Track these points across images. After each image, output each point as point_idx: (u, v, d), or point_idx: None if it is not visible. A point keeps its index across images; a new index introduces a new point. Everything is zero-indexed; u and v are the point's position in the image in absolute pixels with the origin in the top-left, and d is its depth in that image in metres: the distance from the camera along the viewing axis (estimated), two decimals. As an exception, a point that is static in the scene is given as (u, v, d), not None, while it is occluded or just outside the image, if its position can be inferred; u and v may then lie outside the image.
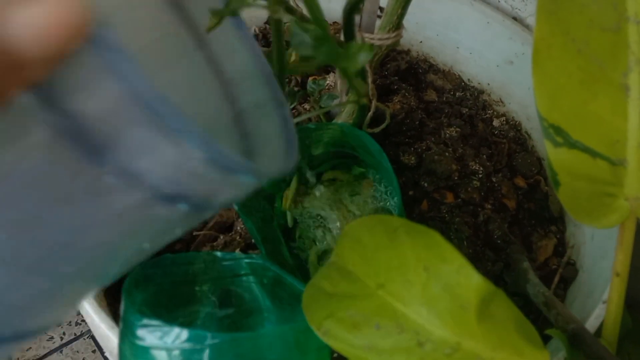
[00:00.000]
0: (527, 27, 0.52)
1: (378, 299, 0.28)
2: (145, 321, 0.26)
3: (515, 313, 0.27)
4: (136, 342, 0.27)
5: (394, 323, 0.27)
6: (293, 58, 0.36)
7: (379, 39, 0.39)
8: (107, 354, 0.41)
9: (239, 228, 0.44)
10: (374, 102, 0.40)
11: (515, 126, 0.55)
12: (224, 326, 0.34)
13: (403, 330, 0.26)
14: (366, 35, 0.38)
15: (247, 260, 0.35)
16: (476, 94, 0.58)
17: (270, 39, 0.57)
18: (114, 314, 0.37)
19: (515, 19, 0.52)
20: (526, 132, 0.55)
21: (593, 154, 0.30)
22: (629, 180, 0.30)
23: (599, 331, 0.35)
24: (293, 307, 0.33)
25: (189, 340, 0.26)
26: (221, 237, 0.44)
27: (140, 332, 0.26)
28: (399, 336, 0.26)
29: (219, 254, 0.36)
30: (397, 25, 0.38)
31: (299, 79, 0.54)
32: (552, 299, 0.38)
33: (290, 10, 0.26)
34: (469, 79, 0.59)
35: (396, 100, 0.53)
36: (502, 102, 0.57)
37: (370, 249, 0.30)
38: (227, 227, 0.46)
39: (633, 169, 0.30)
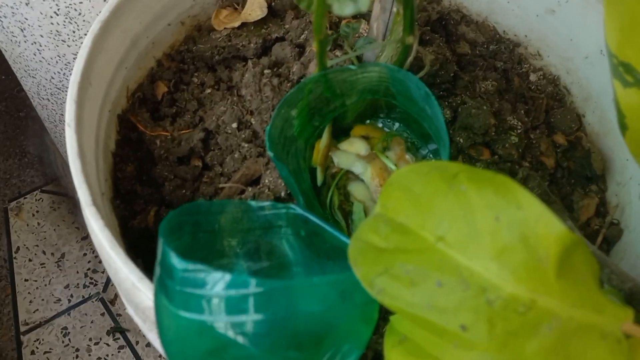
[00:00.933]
0: (572, -28, 0.48)
1: (437, 253, 0.25)
2: (188, 266, 0.24)
3: (595, 267, 0.24)
4: (176, 288, 0.24)
5: (457, 279, 0.24)
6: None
7: (424, -26, 0.36)
8: (128, 310, 0.39)
9: (267, 181, 0.42)
10: (415, 45, 0.37)
11: (554, 81, 0.52)
12: None
13: (468, 286, 0.24)
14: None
15: (284, 211, 0.33)
16: (512, 47, 0.55)
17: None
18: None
19: (560, -36, 0.49)
20: (565, 87, 0.52)
21: (667, 94, 0.28)
22: None
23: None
24: (335, 261, 0.31)
25: (232, 286, 0.23)
26: (249, 189, 0.42)
27: (181, 277, 0.24)
28: (464, 293, 0.24)
29: (253, 203, 0.34)
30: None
31: (331, 23, 0.51)
32: (604, 257, 0.35)
33: None
34: (504, 31, 0.56)
35: (430, 51, 0.50)
36: (539, 55, 0.54)
37: (424, 198, 0.27)
38: (254, 180, 0.43)
39: None
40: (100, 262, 0.96)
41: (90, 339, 0.88)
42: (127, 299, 0.35)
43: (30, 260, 0.95)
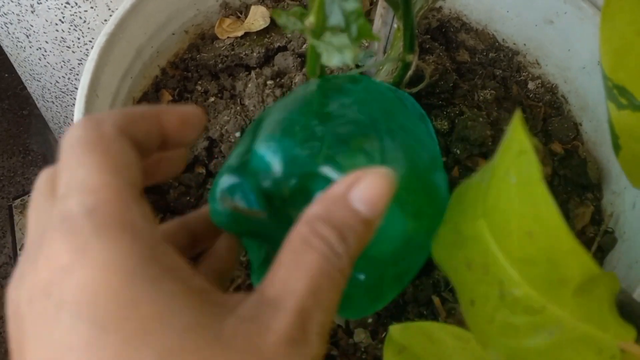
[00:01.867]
0: (570, -16, 0.49)
1: (478, 227, 0.24)
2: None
3: (611, 298, 0.25)
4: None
5: (481, 258, 0.24)
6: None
7: (424, -9, 0.36)
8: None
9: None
10: (415, 59, 0.38)
11: (552, 89, 0.53)
12: None
13: (488, 271, 0.24)
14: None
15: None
16: (510, 55, 0.56)
17: (298, -8, 0.54)
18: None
19: (558, -25, 0.50)
20: (562, 96, 0.52)
21: (659, 117, 0.29)
22: (695, 146, 0.29)
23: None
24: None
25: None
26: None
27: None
28: (484, 277, 0.24)
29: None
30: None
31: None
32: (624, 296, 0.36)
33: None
34: (503, 39, 0.56)
35: (430, 61, 0.51)
36: (538, 63, 0.54)
37: (494, 171, 0.26)
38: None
39: (701, 134, 0.28)
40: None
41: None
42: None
43: (34, 258, 0.96)
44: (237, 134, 0.46)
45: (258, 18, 0.52)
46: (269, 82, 0.46)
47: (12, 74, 1.25)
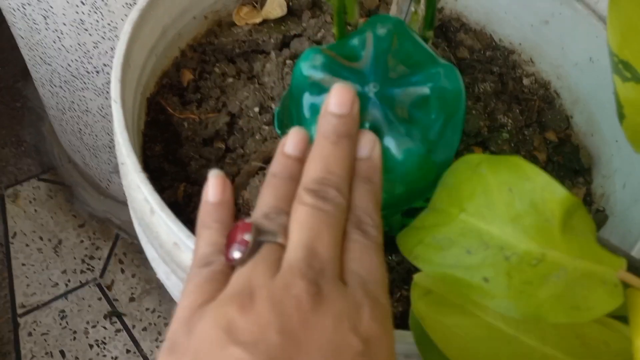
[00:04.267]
0: (565, -13, 0.53)
1: (461, 223, 0.29)
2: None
3: (592, 225, 0.28)
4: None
5: (478, 241, 0.27)
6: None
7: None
8: (159, 275, 0.42)
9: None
10: (432, 39, 0.40)
11: (545, 85, 0.57)
12: None
13: (488, 246, 0.27)
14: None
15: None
16: (506, 54, 0.59)
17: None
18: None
19: (554, -22, 0.53)
20: (555, 91, 0.56)
21: (659, 89, 0.32)
22: (690, 116, 0.32)
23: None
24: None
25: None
26: (267, 166, 0.45)
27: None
28: (485, 252, 0.27)
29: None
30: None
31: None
32: (598, 236, 0.39)
33: None
34: (500, 39, 0.60)
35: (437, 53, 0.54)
36: (532, 61, 0.58)
37: (454, 186, 0.31)
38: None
39: (695, 105, 0.32)
40: (97, 248, 0.97)
41: (87, 322, 0.89)
42: (167, 259, 0.38)
43: (27, 245, 0.96)
44: (256, 109, 0.48)
45: (276, 7, 0.54)
46: (287, 62, 0.49)
47: (5, 67, 1.24)
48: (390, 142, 0.32)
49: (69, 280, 0.94)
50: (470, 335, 0.31)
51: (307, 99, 0.33)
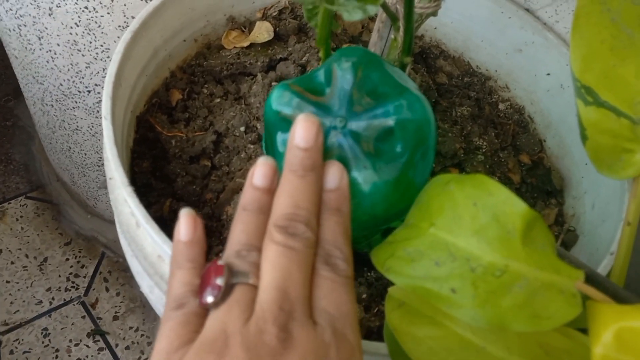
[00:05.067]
0: (538, 18, 0.55)
1: (431, 236, 0.30)
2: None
3: (551, 237, 0.29)
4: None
5: (446, 254, 0.29)
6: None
7: (420, 8, 0.41)
8: (143, 289, 0.43)
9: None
10: (410, 65, 0.42)
11: (519, 110, 0.59)
12: None
13: (455, 258, 0.29)
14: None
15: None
16: (483, 80, 0.62)
17: (298, 12, 0.59)
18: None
19: (527, 10, 0.56)
20: (529, 116, 0.58)
21: (618, 112, 0.34)
22: (647, 138, 0.34)
23: (605, 280, 0.38)
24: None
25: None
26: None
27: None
28: (452, 264, 0.29)
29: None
30: (439, -4, 0.41)
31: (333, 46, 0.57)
32: (562, 250, 0.41)
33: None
34: (477, 66, 0.62)
35: (416, 76, 0.56)
36: (507, 87, 0.60)
37: (425, 203, 0.32)
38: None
39: (652, 128, 0.34)
40: (82, 266, 0.97)
41: (70, 340, 0.89)
42: (151, 272, 0.39)
43: (12, 262, 0.96)
44: (242, 129, 0.49)
45: (263, 31, 0.56)
46: (273, 83, 0.50)
47: (-3, 86, 1.25)
48: (357, 176, 0.33)
49: (53, 298, 0.94)
50: (440, 346, 0.32)
51: (279, 134, 0.34)
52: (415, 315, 0.31)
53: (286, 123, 0.34)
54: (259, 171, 0.29)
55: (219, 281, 0.25)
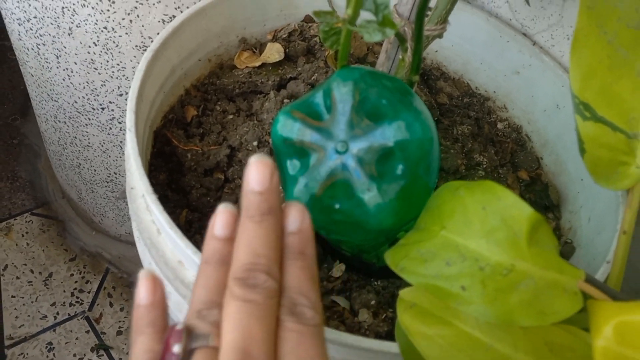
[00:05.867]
0: (534, 42, 0.58)
1: (442, 238, 0.32)
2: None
3: (554, 240, 0.31)
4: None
5: (457, 254, 0.31)
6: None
7: (427, 30, 0.44)
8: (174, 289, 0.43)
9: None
10: (417, 82, 0.45)
11: (517, 129, 0.61)
12: None
13: (465, 259, 0.30)
14: (417, 25, 0.43)
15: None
16: (482, 101, 0.64)
17: (306, 34, 0.62)
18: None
19: (524, 34, 0.59)
20: (526, 135, 0.61)
21: (614, 127, 0.36)
22: (641, 152, 0.36)
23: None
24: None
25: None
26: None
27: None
28: (462, 264, 0.30)
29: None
30: (444, 19, 0.43)
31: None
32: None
33: None
34: (476, 87, 0.65)
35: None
36: (505, 108, 0.63)
37: (436, 208, 0.34)
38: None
39: (645, 142, 0.36)
40: (87, 282, 0.98)
41: (74, 355, 0.89)
42: (171, 277, 0.40)
43: (17, 277, 0.96)
44: (255, 143, 0.51)
45: (274, 52, 0.58)
46: (285, 100, 0.53)
47: (5, 105, 1.27)
48: (362, 198, 0.34)
49: (57, 313, 0.94)
50: (450, 344, 0.33)
51: (288, 161, 0.35)
52: (426, 315, 0.33)
53: (293, 149, 0.35)
54: (219, 220, 0.27)
55: (177, 348, 0.24)
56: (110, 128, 0.73)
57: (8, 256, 0.99)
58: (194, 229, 0.48)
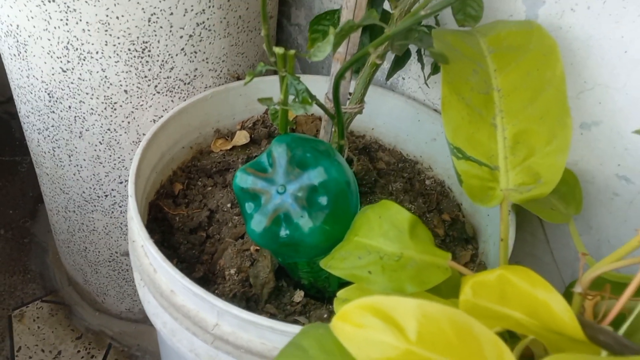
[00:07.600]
0: (443, 115, 0.71)
1: (355, 242, 0.43)
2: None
3: (428, 233, 0.42)
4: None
5: (365, 251, 0.42)
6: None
7: (349, 108, 0.57)
8: (156, 326, 0.53)
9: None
10: (346, 148, 0.57)
11: (441, 183, 0.73)
12: None
13: (370, 253, 0.41)
14: (342, 107, 0.56)
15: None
16: (413, 164, 0.77)
17: (267, 123, 0.75)
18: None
19: (435, 110, 0.72)
20: (448, 187, 0.73)
21: (480, 163, 0.48)
22: (501, 179, 0.48)
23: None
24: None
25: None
26: (238, 242, 0.58)
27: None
28: (369, 257, 0.41)
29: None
30: (361, 100, 0.57)
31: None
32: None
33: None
34: (407, 154, 0.77)
35: (357, 163, 0.71)
36: (430, 168, 0.75)
37: (353, 224, 0.45)
38: (240, 236, 0.60)
39: (502, 171, 0.48)
40: (92, 357, 1.04)
41: (82, 423, 0.93)
42: (165, 305, 0.50)
43: (30, 357, 1.02)
44: (229, 205, 0.63)
45: (242, 138, 0.71)
46: (251, 172, 0.64)
47: (16, 210, 1.38)
48: (298, 223, 0.45)
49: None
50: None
51: (245, 203, 0.47)
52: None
53: (248, 194, 0.46)
54: None
55: None
56: (113, 212, 0.84)
57: (21, 339, 1.05)
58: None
